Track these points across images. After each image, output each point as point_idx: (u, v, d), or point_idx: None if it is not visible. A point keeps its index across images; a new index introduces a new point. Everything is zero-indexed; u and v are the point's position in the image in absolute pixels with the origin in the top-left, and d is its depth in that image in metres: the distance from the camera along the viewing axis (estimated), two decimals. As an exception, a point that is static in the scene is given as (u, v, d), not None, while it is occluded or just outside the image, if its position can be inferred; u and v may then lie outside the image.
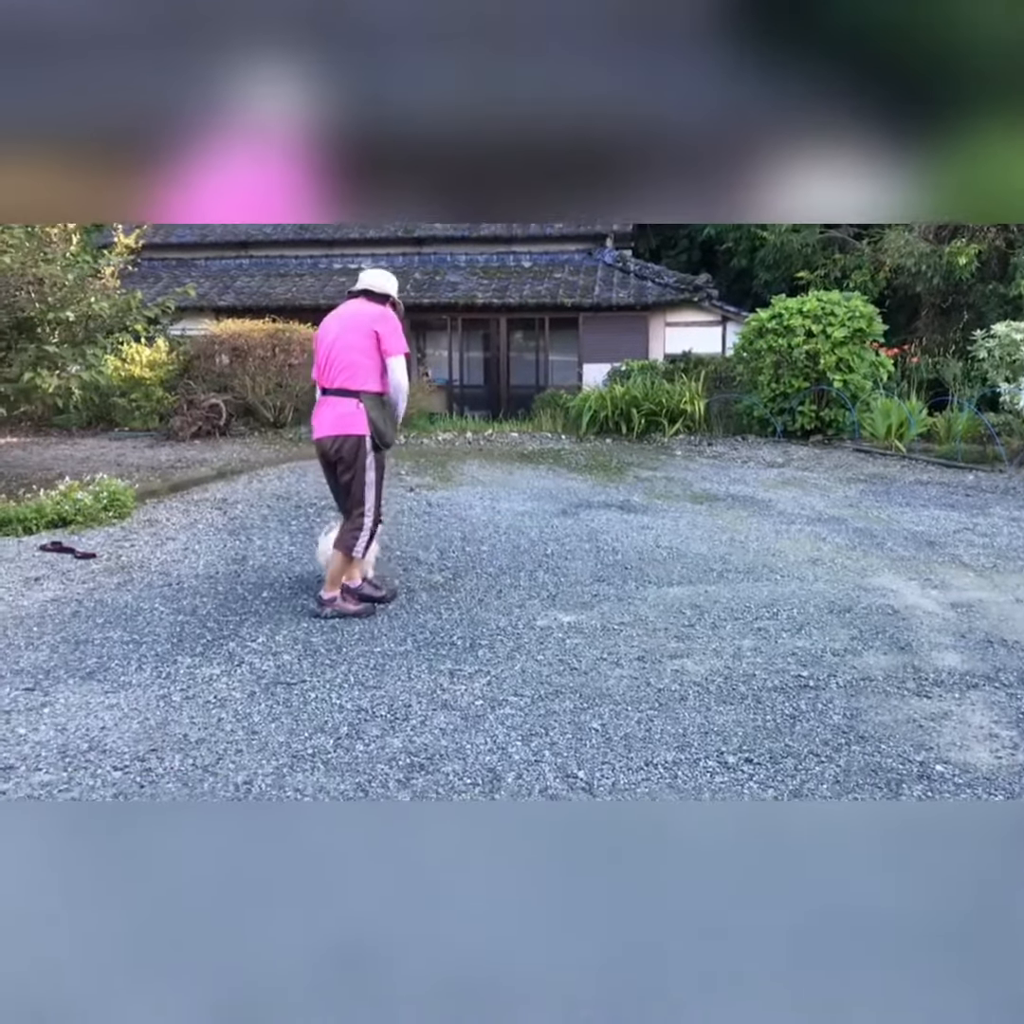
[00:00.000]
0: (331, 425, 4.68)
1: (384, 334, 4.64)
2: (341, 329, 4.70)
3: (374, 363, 4.65)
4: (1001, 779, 3.01)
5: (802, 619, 4.73)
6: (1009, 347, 12.08)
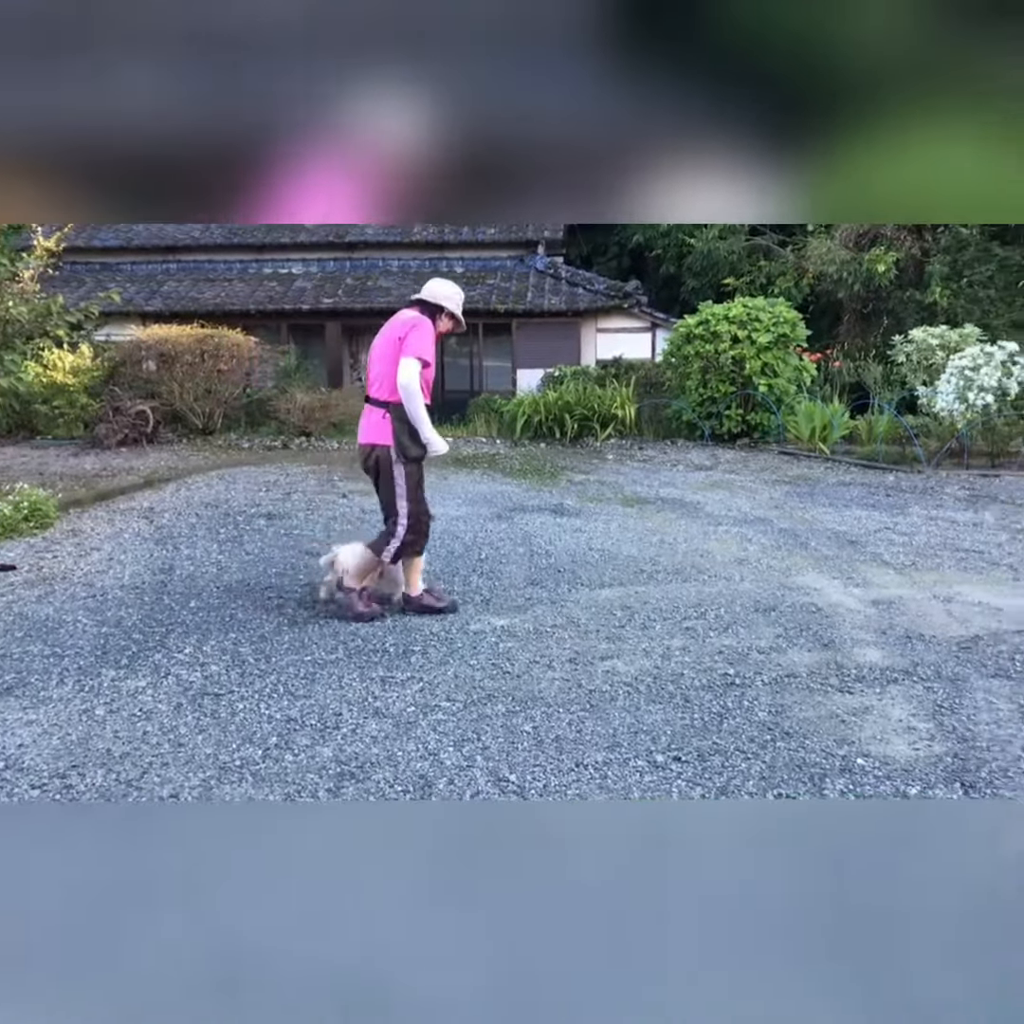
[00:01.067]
0: (364, 433, 4.78)
1: (406, 340, 4.58)
2: (380, 339, 4.74)
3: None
4: (918, 770, 3.12)
5: (729, 618, 4.83)
6: (926, 351, 12.52)
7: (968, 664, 4.14)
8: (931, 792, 2.95)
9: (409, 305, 4.86)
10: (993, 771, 3.09)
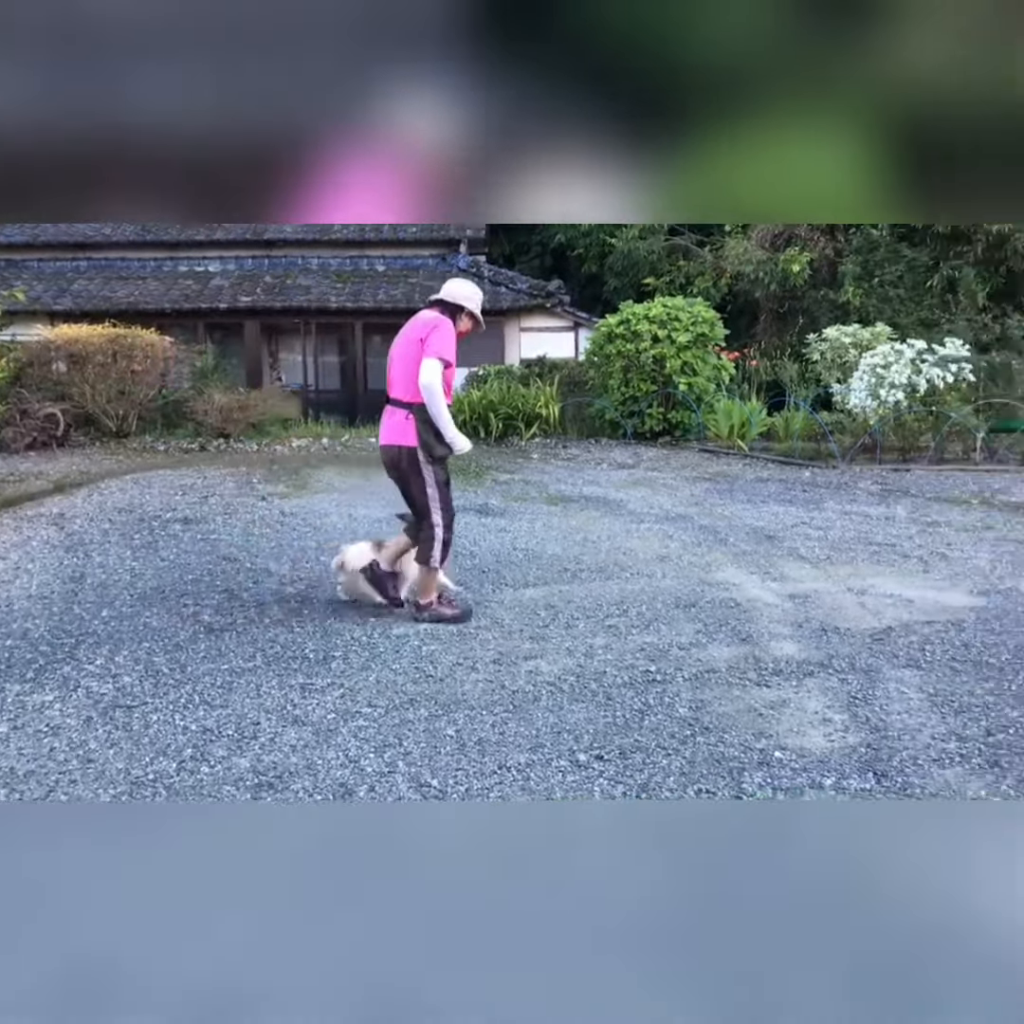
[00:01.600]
0: (386, 435, 4.76)
1: (428, 340, 4.57)
2: (400, 339, 4.75)
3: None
4: (833, 761, 3.18)
5: (651, 615, 4.87)
6: (839, 350, 12.86)
7: (881, 655, 4.25)
8: (845, 783, 3.02)
9: (428, 305, 4.86)
10: (904, 760, 3.18)
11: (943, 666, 4.10)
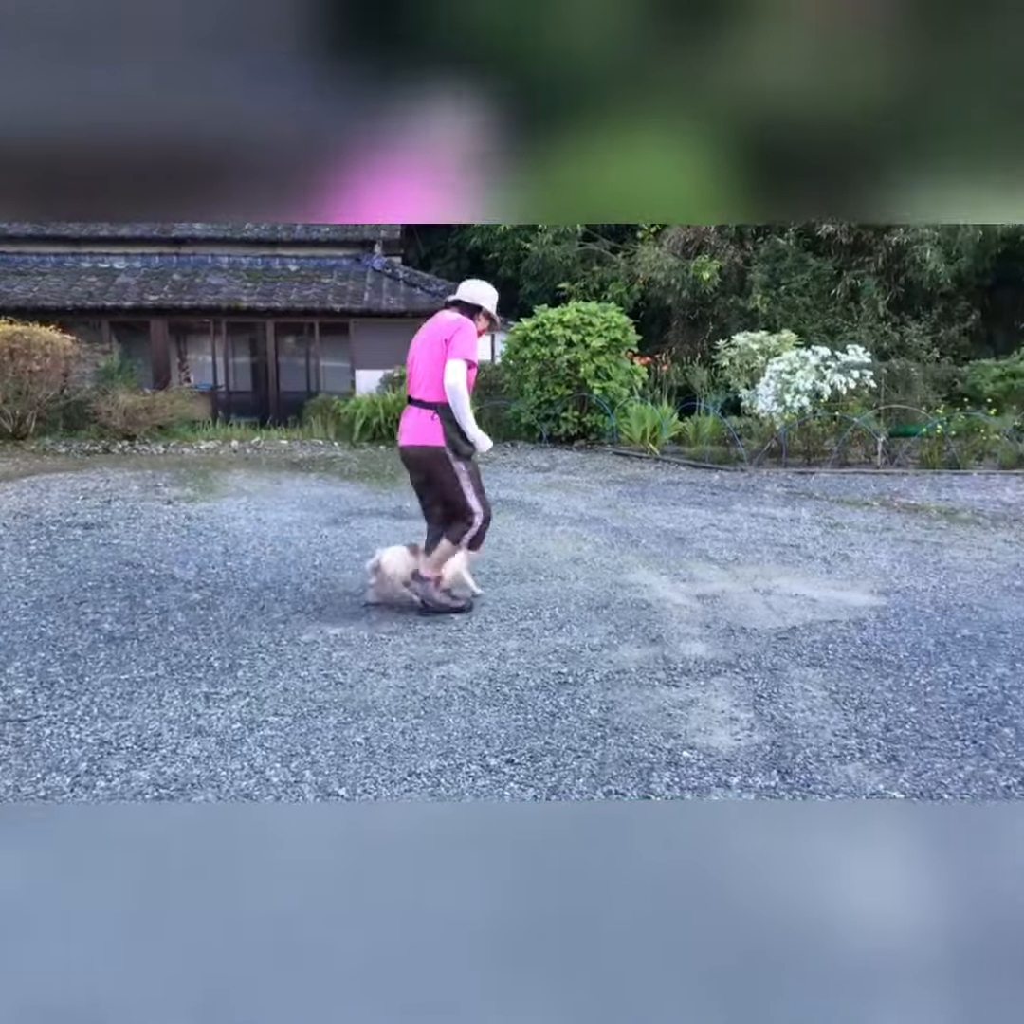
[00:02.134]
0: (411, 435, 4.82)
1: (452, 342, 4.65)
2: (422, 341, 4.82)
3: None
4: (739, 760, 3.24)
5: (563, 617, 4.89)
6: (747, 356, 13.18)
7: (785, 654, 4.35)
8: (750, 781, 3.07)
9: (446, 306, 4.94)
10: (807, 756, 3.25)
11: (845, 664, 4.22)
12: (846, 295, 16.11)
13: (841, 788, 3.01)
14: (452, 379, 4.61)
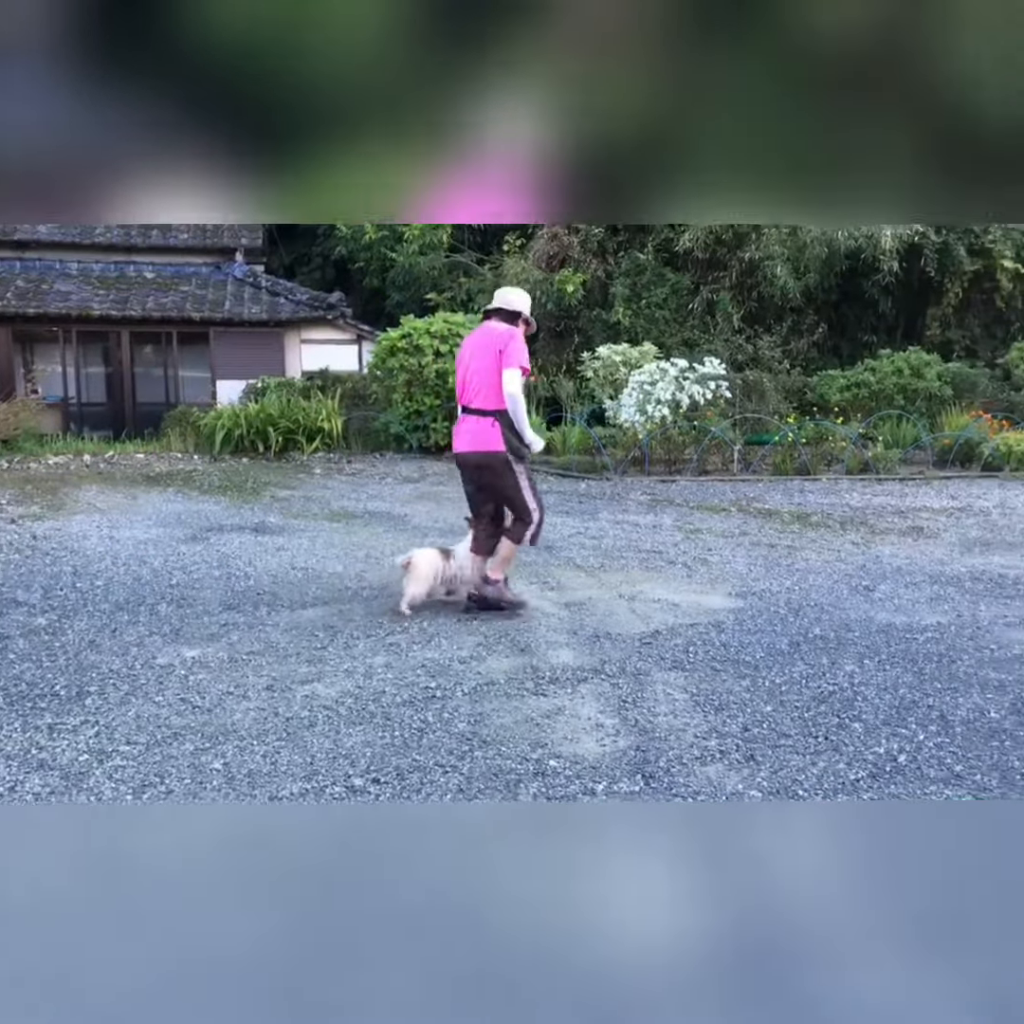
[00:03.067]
0: (470, 442, 5.09)
1: (507, 351, 4.91)
2: (474, 352, 5.06)
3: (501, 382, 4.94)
4: (604, 766, 3.28)
5: (432, 630, 4.85)
6: (611, 368, 13.48)
7: (649, 659, 4.45)
8: (616, 787, 3.11)
9: (486, 316, 5.19)
10: (670, 759, 3.32)
11: (705, 666, 4.34)
12: (703, 309, 16.71)
13: (703, 790, 3.08)
14: (511, 387, 4.93)
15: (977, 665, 4.34)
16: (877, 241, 14.97)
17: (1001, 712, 3.76)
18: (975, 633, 4.84)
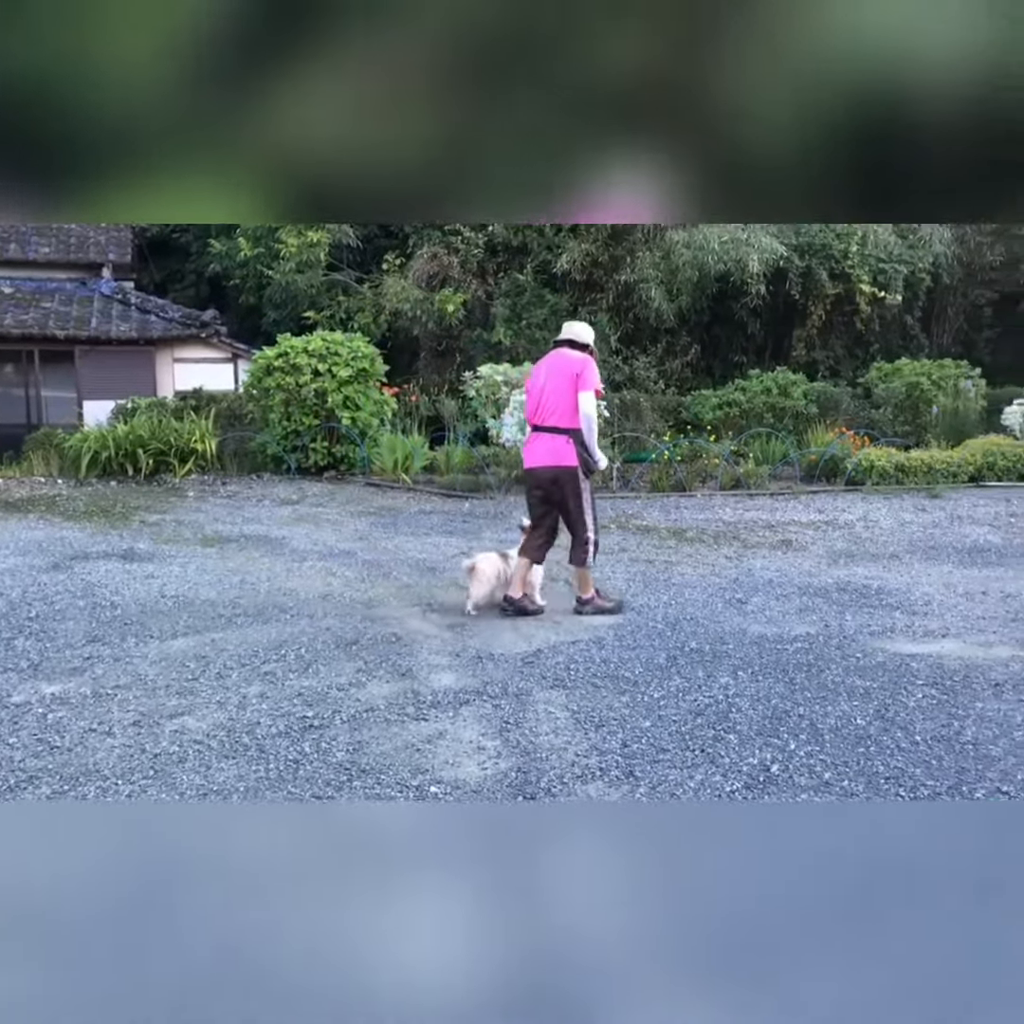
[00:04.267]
0: (544, 457, 5.55)
1: (583, 376, 5.42)
2: (549, 376, 5.54)
3: (576, 403, 5.42)
4: (486, 789, 3.24)
5: (310, 657, 4.73)
6: (493, 387, 13.56)
7: (531, 678, 4.44)
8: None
9: (556, 345, 5.70)
10: (551, 780, 3.31)
11: (586, 683, 4.36)
12: (582, 329, 17.03)
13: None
14: (587, 408, 5.44)
15: (844, 673, 4.51)
16: (745, 265, 15.57)
17: (867, 719, 3.91)
18: (842, 642, 5.04)
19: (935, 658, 4.75)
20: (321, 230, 16.76)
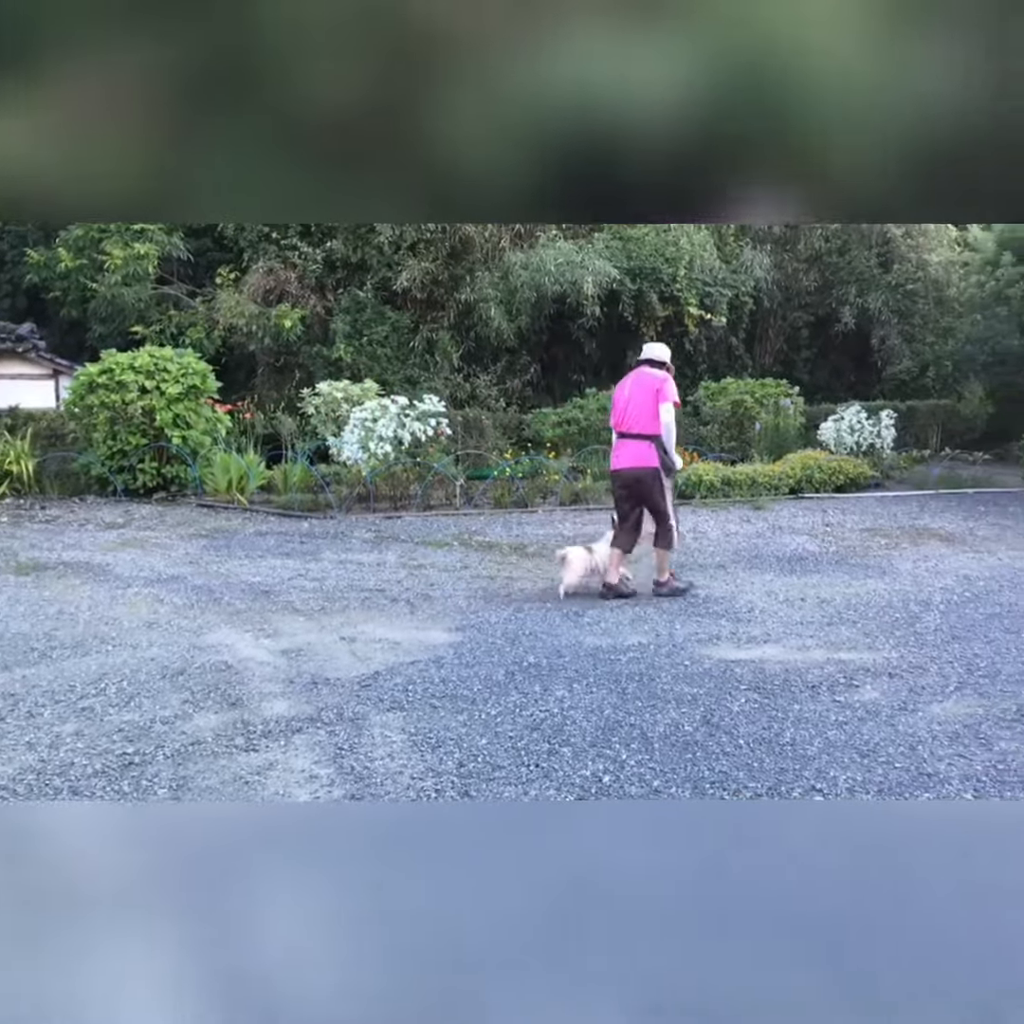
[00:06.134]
0: (629, 460, 6.55)
1: (663, 391, 6.48)
2: (633, 390, 6.58)
3: (657, 413, 6.44)
4: (318, 818, 3.15)
5: (132, 690, 4.48)
6: (332, 404, 13.35)
7: (368, 701, 4.37)
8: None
9: (637, 364, 6.74)
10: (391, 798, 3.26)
11: (423, 704, 4.33)
12: (424, 347, 17.01)
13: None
14: (667, 418, 6.46)
15: (673, 681, 4.66)
16: (580, 287, 15.99)
17: (694, 725, 4.06)
18: (671, 651, 5.22)
19: (757, 663, 4.99)
20: (149, 242, 16.09)
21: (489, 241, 17.10)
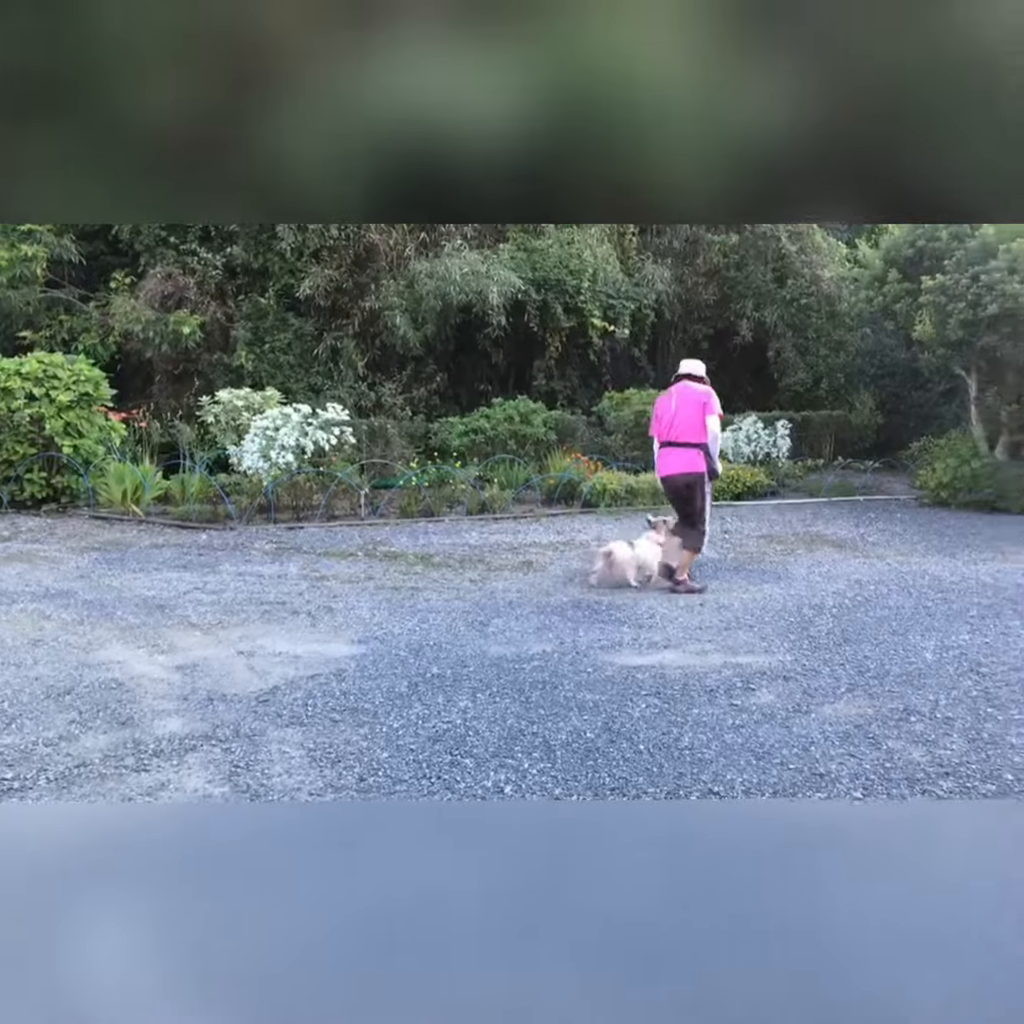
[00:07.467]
0: (679, 466, 7.12)
1: (709, 404, 7.08)
2: (679, 403, 7.15)
3: (704, 424, 7.03)
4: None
5: (14, 711, 4.27)
6: (233, 413, 13.06)
7: (266, 717, 4.26)
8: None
9: (677, 379, 7.36)
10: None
11: (324, 718, 4.25)
12: (328, 355, 16.78)
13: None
14: (715, 428, 7.10)
15: (576, 688, 4.69)
16: (486, 297, 16.04)
17: (595, 732, 4.08)
18: (575, 658, 5.25)
19: (657, 668, 5.06)
20: (37, 244, 15.46)
21: (394, 249, 16.99)
